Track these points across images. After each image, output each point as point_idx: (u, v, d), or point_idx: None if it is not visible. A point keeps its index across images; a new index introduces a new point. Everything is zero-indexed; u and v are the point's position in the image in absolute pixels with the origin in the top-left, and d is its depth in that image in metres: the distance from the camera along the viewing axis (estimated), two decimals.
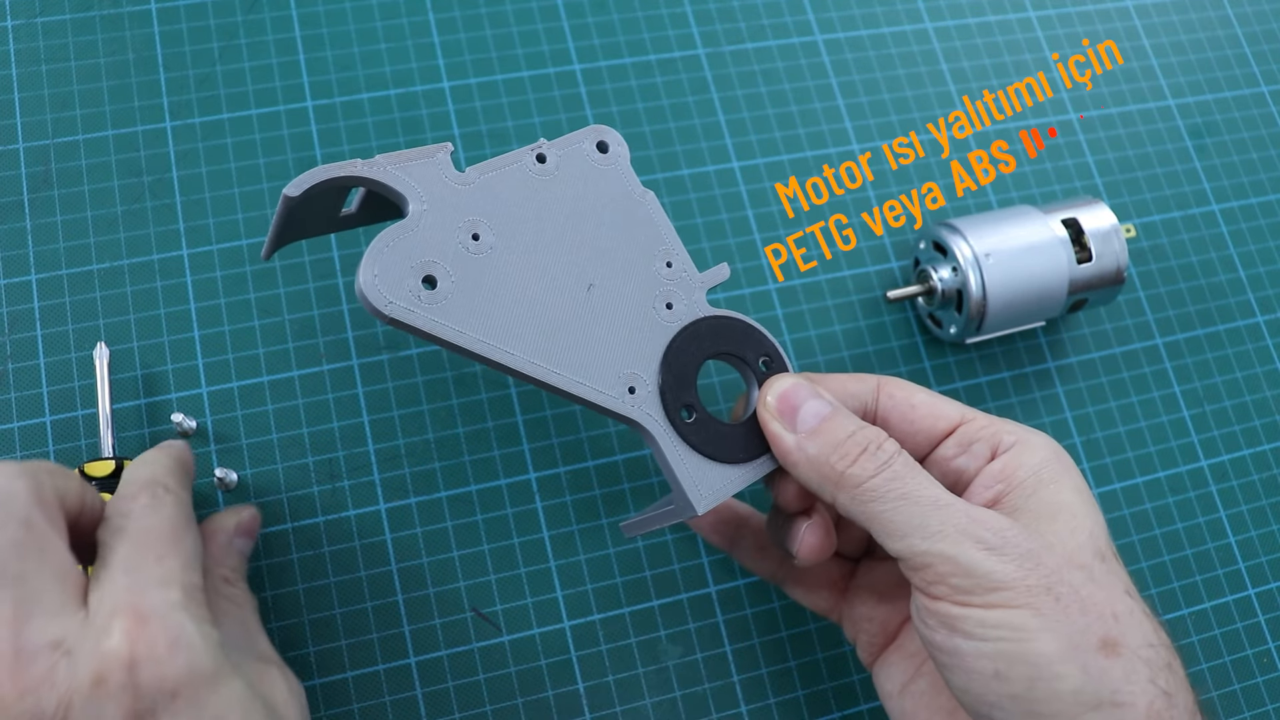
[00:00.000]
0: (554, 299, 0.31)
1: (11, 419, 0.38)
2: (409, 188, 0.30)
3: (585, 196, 0.32)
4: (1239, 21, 0.53)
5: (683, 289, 0.33)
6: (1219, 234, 0.48)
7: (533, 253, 0.31)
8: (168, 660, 0.25)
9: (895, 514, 0.29)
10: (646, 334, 0.32)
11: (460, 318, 0.29)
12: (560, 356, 0.30)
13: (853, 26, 0.49)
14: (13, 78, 0.42)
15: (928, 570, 0.28)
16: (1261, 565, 0.43)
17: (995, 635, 0.27)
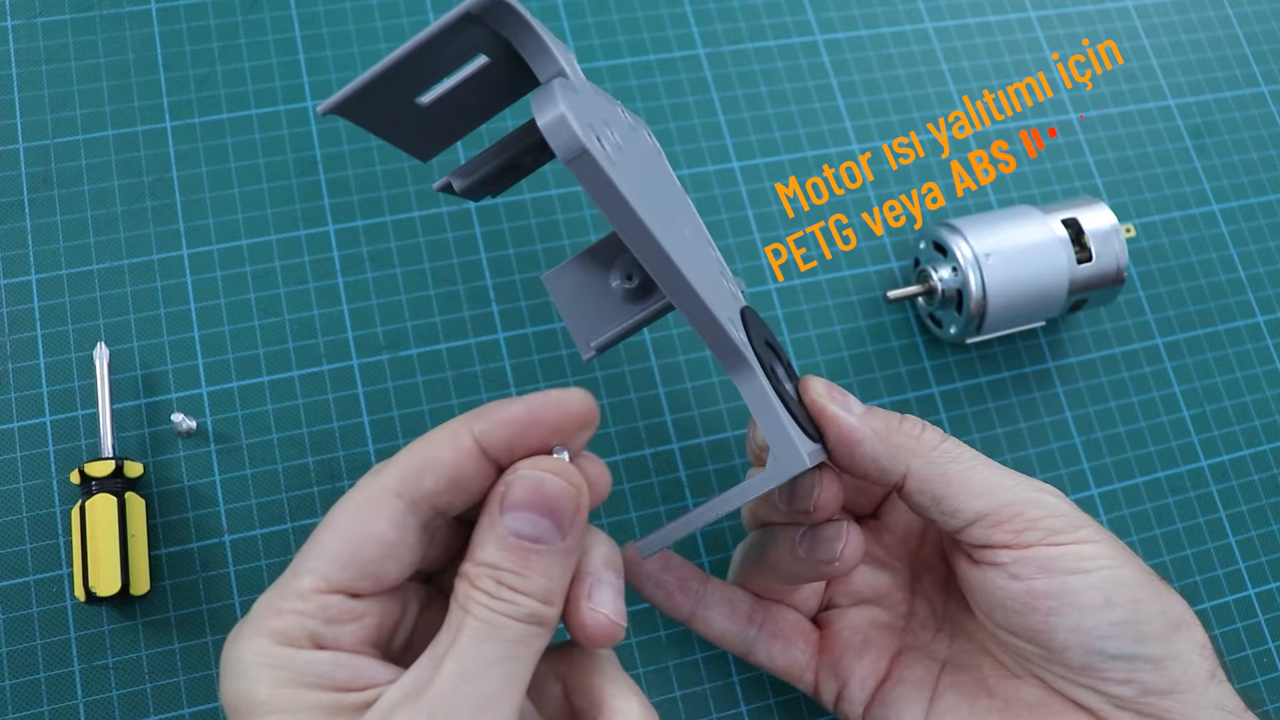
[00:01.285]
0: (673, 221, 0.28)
1: (11, 419, 0.38)
2: (566, 60, 0.26)
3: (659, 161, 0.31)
4: (1239, 21, 0.53)
5: (728, 274, 0.32)
6: (1219, 234, 0.48)
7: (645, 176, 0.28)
8: None
9: (974, 472, 0.30)
10: (727, 297, 0.30)
11: (626, 187, 0.25)
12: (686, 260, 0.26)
13: (853, 26, 0.49)
14: (13, 78, 0.42)
15: (1018, 519, 0.29)
16: (1261, 565, 0.43)
17: (1096, 565, 0.28)
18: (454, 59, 0.27)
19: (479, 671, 0.24)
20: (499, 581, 0.25)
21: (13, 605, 0.36)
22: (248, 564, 0.37)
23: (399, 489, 0.26)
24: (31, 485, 0.37)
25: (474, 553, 0.26)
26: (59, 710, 0.35)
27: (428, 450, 0.26)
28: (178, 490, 0.38)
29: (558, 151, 0.23)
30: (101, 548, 0.34)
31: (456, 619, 0.25)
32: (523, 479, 0.26)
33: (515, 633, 0.25)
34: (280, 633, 0.24)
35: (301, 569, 0.25)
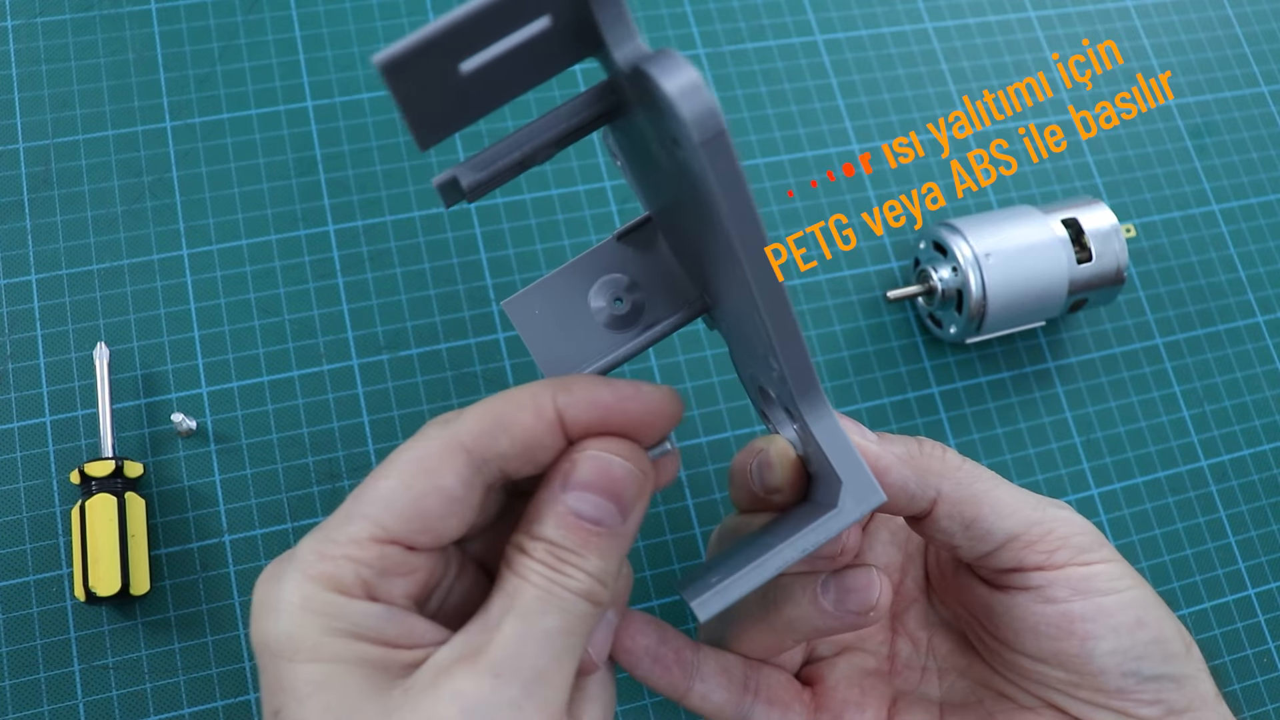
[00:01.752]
0: None
1: (12, 419, 0.38)
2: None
3: None
4: (1239, 21, 0.53)
5: None
6: (1219, 234, 0.48)
7: None
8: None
9: (1001, 492, 0.29)
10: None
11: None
12: None
13: (853, 26, 0.49)
14: (13, 78, 0.42)
15: (1049, 538, 0.28)
16: (1261, 565, 0.43)
17: (1126, 585, 0.28)
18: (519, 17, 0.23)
19: (540, 639, 0.23)
20: (558, 558, 0.24)
21: (13, 605, 0.36)
22: (248, 564, 0.37)
23: (472, 445, 0.25)
24: (31, 485, 0.37)
25: (530, 526, 0.25)
26: (59, 710, 0.35)
27: (507, 410, 0.25)
28: (178, 490, 0.38)
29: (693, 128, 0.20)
30: (101, 548, 0.34)
31: (513, 585, 0.24)
32: (591, 459, 0.25)
33: (574, 607, 0.24)
34: (332, 578, 0.23)
35: (356, 513, 0.24)
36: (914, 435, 0.42)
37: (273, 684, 0.23)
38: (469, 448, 0.25)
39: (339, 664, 0.23)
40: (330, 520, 0.24)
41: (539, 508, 0.25)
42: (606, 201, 0.44)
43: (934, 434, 0.43)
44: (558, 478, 0.25)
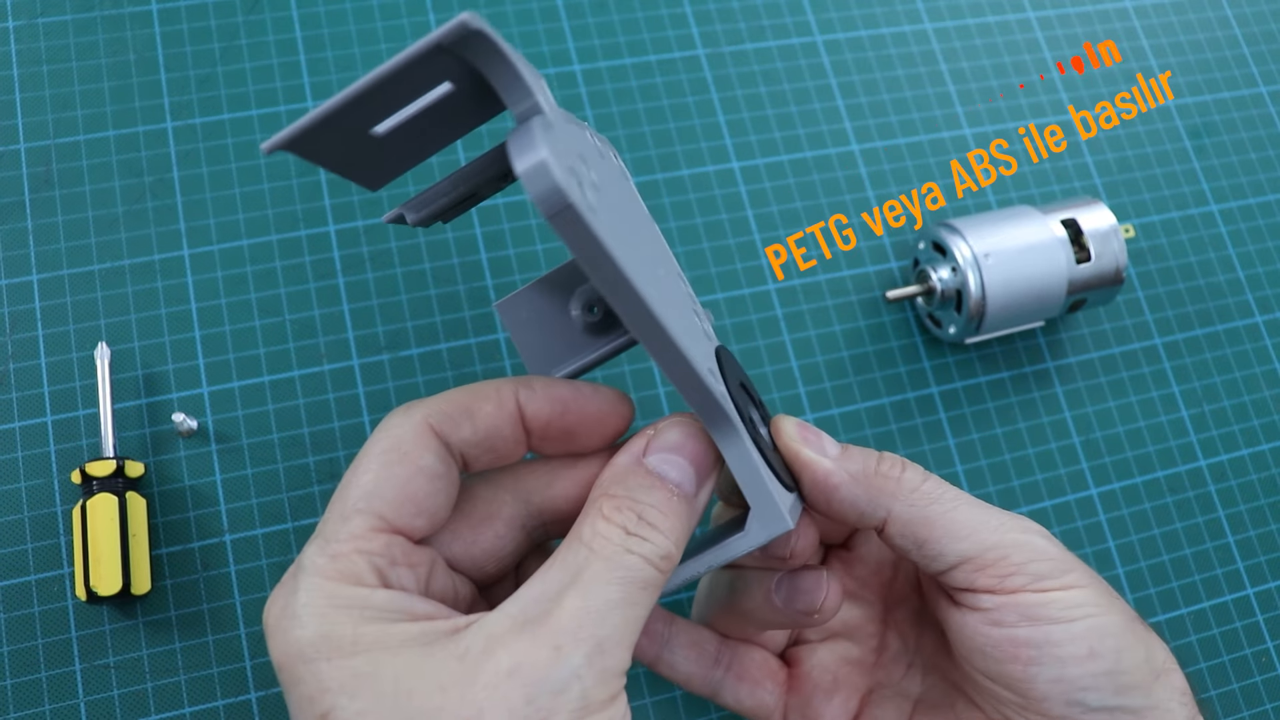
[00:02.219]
0: (651, 264, 0.26)
1: (13, 419, 0.38)
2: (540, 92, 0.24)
3: (628, 189, 0.29)
4: (1239, 22, 0.53)
5: (701, 312, 0.30)
6: (1218, 234, 0.48)
7: (621, 214, 0.26)
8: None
9: (957, 514, 0.28)
10: (701, 338, 0.28)
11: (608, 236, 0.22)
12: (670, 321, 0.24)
13: (852, 27, 0.49)
14: (14, 78, 0.42)
15: (1003, 562, 0.28)
16: (1260, 565, 0.43)
17: (1081, 613, 0.27)
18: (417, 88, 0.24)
19: (604, 610, 0.23)
20: (639, 516, 0.25)
21: (14, 605, 0.36)
22: (248, 563, 0.37)
23: (438, 428, 0.25)
24: (33, 485, 0.37)
25: (609, 486, 0.25)
26: (60, 709, 0.35)
27: (471, 400, 0.26)
28: (179, 490, 0.38)
29: (538, 204, 0.21)
30: (102, 547, 0.34)
31: (579, 558, 0.24)
32: (678, 424, 0.27)
33: (641, 576, 0.24)
34: (348, 573, 0.23)
35: (350, 511, 0.24)
36: (912, 434, 0.42)
37: (313, 691, 0.22)
38: (436, 430, 0.25)
39: (382, 650, 0.22)
40: (325, 525, 0.24)
41: (616, 471, 0.25)
42: None
43: (933, 434, 0.43)
44: (639, 442, 0.26)
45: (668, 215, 0.44)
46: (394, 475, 0.24)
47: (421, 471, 0.25)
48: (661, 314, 0.23)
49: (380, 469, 0.24)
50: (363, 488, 0.24)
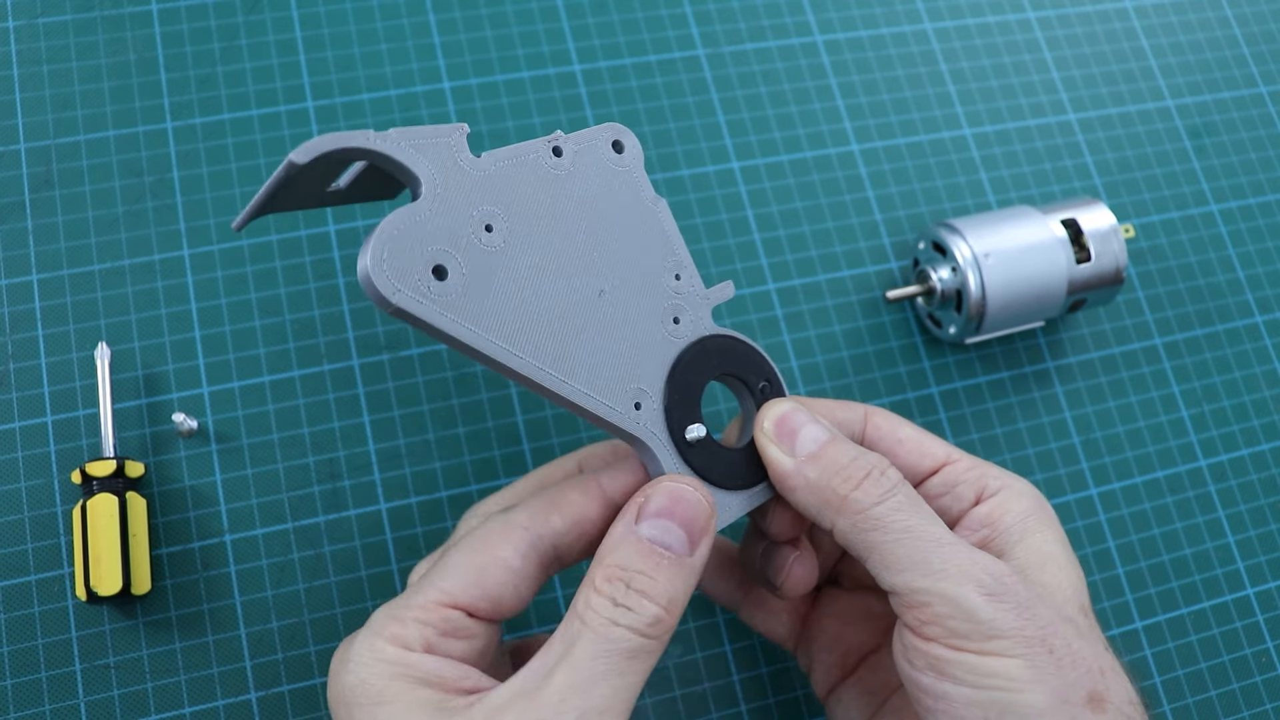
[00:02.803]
0: (565, 303, 0.28)
1: (13, 419, 0.38)
2: (423, 169, 0.27)
3: (599, 197, 0.30)
4: (1239, 22, 0.53)
5: (690, 304, 0.31)
6: (1218, 234, 0.48)
7: (546, 251, 0.28)
8: None
9: (897, 546, 0.27)
10: (654, 348, 0.30)
11: (469, 313, 0.26)
12: (569, 365, 0.28)
13: (852, 27, 0.49)
14: (14, 78, 0.42)
15: (924, 609, 0.27)
16: (1260, 565, 0.43)
17: (988, 684, 0.26)
18: (333, 170, 0.28)
19: (589, 683, 0.25)
20: (628, 585, 0.26)
21: (14, 605, 0.36)
22: (248, 563, 0.37)
23: (527, 523, 0.28)
24: (33, 485, 0.37)
25: (604, 557, 0.27)
26: (60, 709, 0.35)
27: (562, 495, 0.29)
28: (179, 490, 0.38)
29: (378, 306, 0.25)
30: (103, 547, 0.34)
31: (572, 630, 0.26)
32: (664, 489, 0.28)
33: (629, 646, 0.26)
34: (398, 636, 0.26)
35: (426, 584, 0.27)
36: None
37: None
38: (524, 525, 0.28)
39: (403, 707, 0.25)
40: (406, 592, 0.28)
41: (611, 541, 0.28)
42: None
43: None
44: (631, 510, 0.28)
45: None
46: (472, 561, 0.27)
47: (496, 561, 0.27)
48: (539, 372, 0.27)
49: (463, 553, 0.28)
50: (444, 566, 0.28)
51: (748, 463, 0.30)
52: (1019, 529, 0.30)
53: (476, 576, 0.27)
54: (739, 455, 0.30)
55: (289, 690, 0.36)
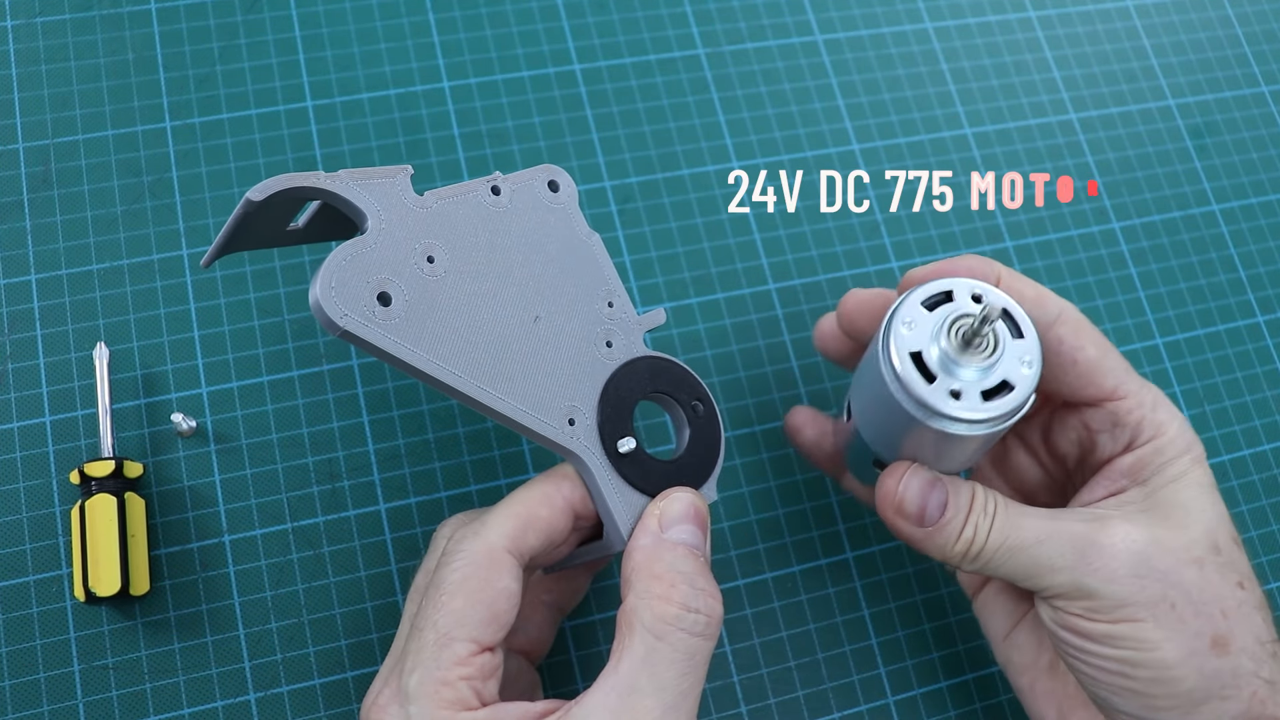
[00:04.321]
0: (502, 327, 0.31)
1: (11, 419, 0.38)
2: (369, 205, 0.30)
3: (535, 232, 0.33)
4: (1239, 21, 0.53)
5: (622, 329, 0.34)
6: (1219, 234, 0.48)
7: (484, 280, 0.31)
8: None
9: (1006, 566, 0.30)
10: (587, 369, 0.32)
11: (411, 336, 0.29)
12: (505, 384, 0.30)
13: (853, 26, 0.49)
14: (12, 78, 0.42)
15: (1058, 598, 0.30)
16: (1262, 565, 0.43)
17: (1122, 645, 0.29)
18: (290, 209, 0.31)
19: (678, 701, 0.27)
20: (691, 586, 0.28)
21: (13, 605, 0.36)
22: (248, 564, 0.37)
23: (510, 547, 0.29)
24: (31, 485, 0.37)
25: (649, 567, 0.29)
26: (59, 710, 0.35)
27: (527, 510, 0.30)
28: (177, 490, 0.38)
29: (327, 330, 0.28)
30: (101, 548, 0.34)
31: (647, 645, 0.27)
32: (679, 498, 0.31)
33: (703, 652, 0.28)
34: (455, 701, 0.27)
35: (449, 637, 0.28)
36: None
37: None
38: (509, 550, 0.29)
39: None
40: (423, 649, 0.28)
41: (646, 551, 0.29)
42: (607, 202, 0.44)
43: None
44: (652, 522, 0.30)
45: (668, 215, 0.44)
46: (480, 600, 0.28)
47: (503, 594, 0.29)
48: (476, 389, 0.30)
49: (469, 595, 0.28)
50: (455, 615, 0.28)
51: (678, 472, 0.33)
52: (1157, 480, 0.31)
53: (489, 614, 0.28)
54: (669, 466, 0.33)
55: (288, 691, 0.36)
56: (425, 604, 0.29)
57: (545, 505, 0.30)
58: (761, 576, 0.40)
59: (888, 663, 0.39)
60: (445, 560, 0.29)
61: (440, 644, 0.28)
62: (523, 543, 0.29)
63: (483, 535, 0.29)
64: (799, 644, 0.39)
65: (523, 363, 0.31)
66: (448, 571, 0.29)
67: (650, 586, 0.28)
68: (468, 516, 0.32)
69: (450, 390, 0.30)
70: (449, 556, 0.29)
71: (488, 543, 0.29)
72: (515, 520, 0.30)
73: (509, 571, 0.29)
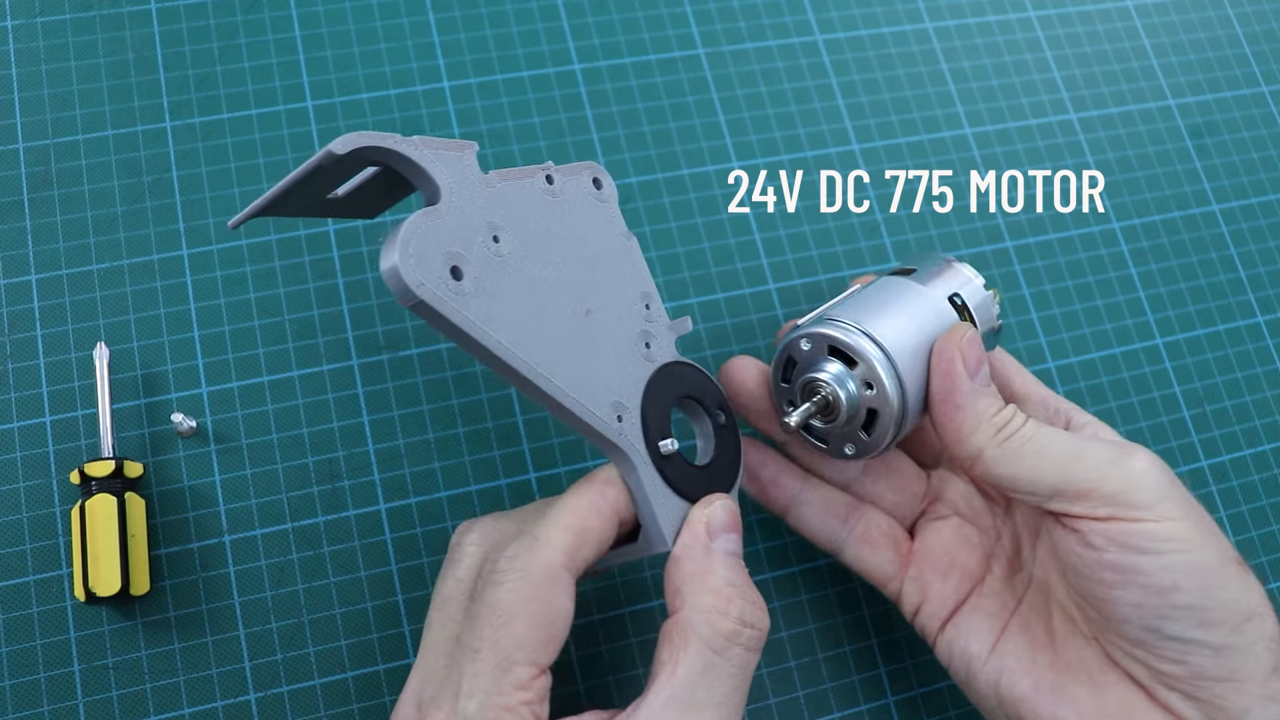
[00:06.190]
0: (558, 316, 0.30)
1: (11, 419, 0.38)
2: (443, 176, 0.29)
3: (583, 225, 0.32)
4: (1239, 21, 0.53)
5: (657, 331, 0.33)
6: (1219, 234, 0.48)
7: (543, 267, 0.30)
8: None
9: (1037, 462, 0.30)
10: (631, 368, 0.32)
11: (481, 314, 0.28)
12: (563, 374, 0.29)
13: (853, 26, 0.49)
14: (13, 77, 0.42)
15: (1093, 495, 0.29)
16: (1262, 565, 0.43)
17: (1170, 547, 0.29)
18: (343, 175, 0.30)
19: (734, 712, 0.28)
20: (744, 600, 0.29)
21: (13, 605, 0.36)
22: (248, 564, 0.37)
23: (567, 564, 0.29)
24: (31, 485, 0.37)
25: (704, 579, 0.29)
26: (59, 710, 0.35)
27: (580, 522, 0.29)
28: (178, 490, 0.38)
29: (399, 300, 0.27)
30: (101, 548, 0.34)
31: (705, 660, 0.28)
32: (724, 505, 0.31)
33: (752, 665, 0.29)
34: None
35: (510, 660, 0.27)
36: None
37: None
38: (566, 566, 0.28)
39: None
40: (482, 673, 0.27)
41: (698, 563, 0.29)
42: None
43: None
44: (700, 530, 0.30)
45: (668, 215, 0.44)
46: (541, 621, 0.28)
47: (560, 613, 0.28)
48: (538, 376, 0.29)
49: (529, 617, 0.27)
50: (516, 637, 0.27)
51: (710, 479, 0.33)
52: None
53: (548, 635, 0.28)
54: (702, 471, 0.33)
55: (288, 691, 0.36)
56: (478, 623, 0.28)
57: (596, 516, 0.30)
58: (762, 577, 0.40)
59: (888, 663, 0.39)
60: (499, 577, 0.28)
61: (501, 668, 0.27)
62: (578, 557, 0.29)
63: (539, 551, 0.28)
64: (799, 644, 0.39)
65: (576, 354, 0.30)
66: (504, 590, 0.28)
67: (705, 599, 0.28)
68: (496, 523, 0.31)
69: (512, 374, 0.29)
70: (503, 574, 0.28)
71: (546, 560, 0.28)
72: (571, 534, 0.29)
73: (566, 590, 0.28)
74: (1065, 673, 0.32)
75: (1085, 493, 0.30)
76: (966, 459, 0.31)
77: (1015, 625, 0.33)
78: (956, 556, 0.35)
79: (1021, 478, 0.30)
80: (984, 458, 0.31)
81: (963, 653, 0.34)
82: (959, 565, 0.35)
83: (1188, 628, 0.28)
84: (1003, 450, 0.30)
